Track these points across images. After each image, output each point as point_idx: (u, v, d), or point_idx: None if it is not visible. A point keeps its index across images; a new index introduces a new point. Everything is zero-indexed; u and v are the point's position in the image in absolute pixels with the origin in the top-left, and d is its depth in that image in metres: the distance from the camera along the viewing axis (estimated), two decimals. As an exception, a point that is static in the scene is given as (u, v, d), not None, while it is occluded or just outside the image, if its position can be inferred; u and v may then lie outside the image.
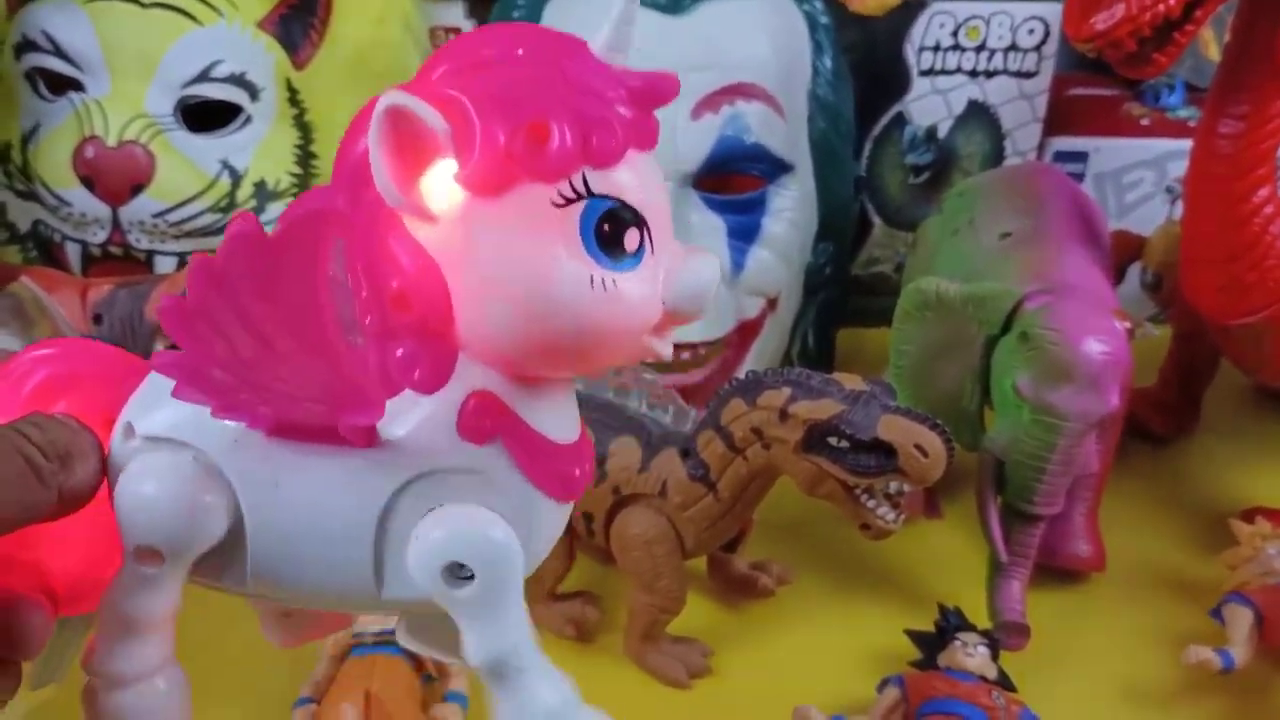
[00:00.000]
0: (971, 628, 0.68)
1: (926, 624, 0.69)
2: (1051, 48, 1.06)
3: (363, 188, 0.36)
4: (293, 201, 0.36)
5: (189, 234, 0.90)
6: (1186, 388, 0.96)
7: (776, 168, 0.90)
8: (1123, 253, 0.97)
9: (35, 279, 0.74)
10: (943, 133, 1.09)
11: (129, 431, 0.41)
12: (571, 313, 0.36)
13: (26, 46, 0.90)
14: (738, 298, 0.90)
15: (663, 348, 0.38)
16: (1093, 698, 0.71)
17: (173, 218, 0.89)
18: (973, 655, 0.66)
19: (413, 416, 0.39)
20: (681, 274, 0.37)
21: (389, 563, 0.40)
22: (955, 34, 1.05)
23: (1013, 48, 1.05)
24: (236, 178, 0.91)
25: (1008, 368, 0.72)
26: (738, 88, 0.87)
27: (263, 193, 0.92)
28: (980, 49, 1.06)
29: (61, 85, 0.90)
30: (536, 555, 0.41)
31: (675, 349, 0.81)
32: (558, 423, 0.40)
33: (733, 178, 0.89)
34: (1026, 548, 0.73)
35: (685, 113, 0.86)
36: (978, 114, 1.08)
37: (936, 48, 1.06)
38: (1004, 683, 0.66)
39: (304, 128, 0.95)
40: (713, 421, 0.67)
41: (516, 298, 0.36)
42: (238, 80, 0.90)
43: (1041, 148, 1.11)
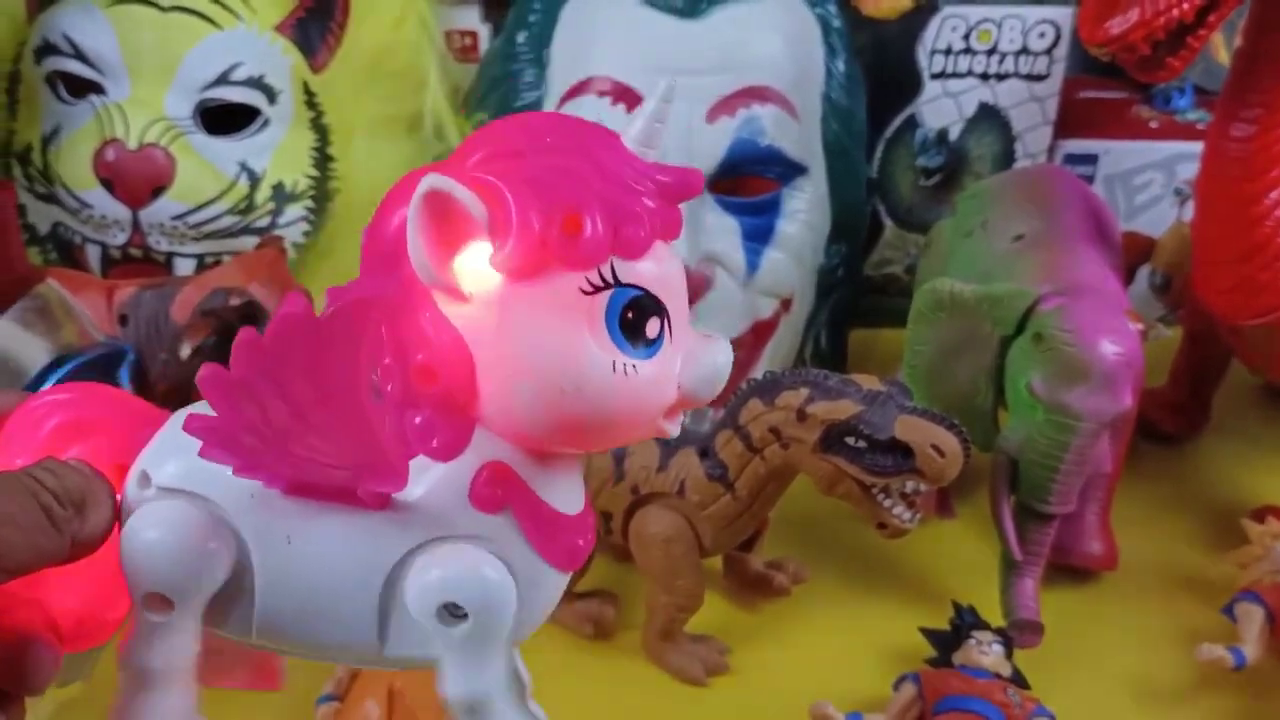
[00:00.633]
0: (986, 626, 0.69)
1: (941, 622, 0.70)
2: (1062, 51, 1.06)
3: (396, 263, 0.37)
4: (343, 287, 0.37)
5: (208, 236, 0.90)
6: (1197, 388, 0.96)
7: (790, 170, 0.91)
8: (1132, 254, 0.97)
9: (61, 281, 0.74)
10: (954, 135, 1.10)
11: (144, 480, 0.42)
12: (593, 396, 0.37)
13: (47, 50, 0.90)
14: (752, 298, 0.90)
15: (672, 429, 0.39)
16: (1106, 695, 0.72)
17: (192, 220, 0.89)
18: (987, 653, 0.67)
19: (426, 482, 0.40)
20: (698, 361, 0.38)
21: (393, 621, 0.41)
22: (967, 37, 1.06)
23: (1024, 51, 1.06)
24: (255, 180, 0.91)
25: (1022, 368, 0.73)
26: (752, 91, 0.88)
27: (280, 195, 0.93)
28: (991, 52, 1.06)
29: (82, 88, 0.90)
30: (533, 624, 0.42)
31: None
32: (565, 495, 0.41)
33: (747, 180, 0.90)
34: (1040, 546, 0.74)
35: (700, 115, 0.87)
36: (989, 117, 1.09)
37: (948, 51, 1.06)
38: (1018, 680, 0.66)
39: (321, 130, 0.95)
40: (731, 421, 0.68)
41: (542, 378, 0.37)
42: (256, 83, 0.91)
43: (1052, 150, 1.12)
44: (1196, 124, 1.12)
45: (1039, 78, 1.07)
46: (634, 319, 0.37)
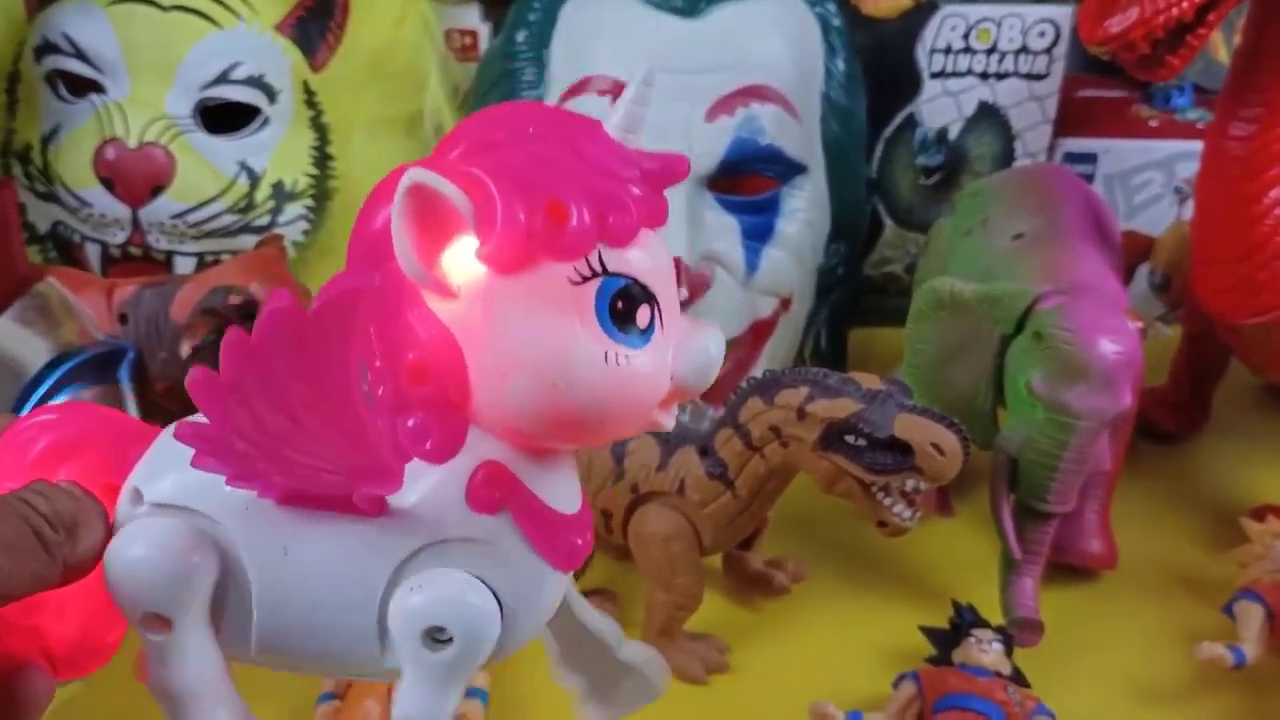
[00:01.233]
0: (986, 624, 0.69)
1: (941, 621, 0.70)
2: (1062, 50, 1.06)
3: (383, 261, 0.36)
4: (327, 283, 0.36)
5: (208, 234, 0.91)
6: (1196, 387, 0.96)
7: (790, 169, 0.91)
8: (1131, 254, 0.97)
9: (61, 279, 0.74)
10: (953, 134, 1.10)
11: (136, 497, 0.41)
12: (586, 387, 0.36)
13: (47, 49, 0.90)
14: (752, 297, 0.90)
15: (666, 420, 0.39)
16: (1106, 693, 0.72)
17: (192, 219, 0.90)
18: (987, 651, 0.67)
19: (422, 486, 0.39)
20: (689, 350, 0.38)
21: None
22: (966, 36, 1.06)
23: (1023, 50, 1.06)
24: (255, 179, 0.92)
25: (1022, 367, 0.73)
26: (752, 90, 0.88)
27: (280, 193, 0.93)
28: (991, 51, 1.06)
29: (82, 87, 0.90)
30: (539, 624, 0.42)
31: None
32: (563, 494, 0.41)
33: (747, 178, 0.90)
34: (1039, 545, 0.74)
35: (700, 114, 0.87)
36: (988, 116, 1.09)
37: (948, 50, 1.06)
38: (1018, 678, 0.66)
39: (320, 129, 0.95)
40: (731, 420, 0.68)
41: (534, 372, 0.36)
42: (256, 82, 0.91)
43: (1051, 149, 1.12)
44: (1196, 123, 1.12)
45: (1038, 77, 1.07)
46: (624, 308, 0.37)
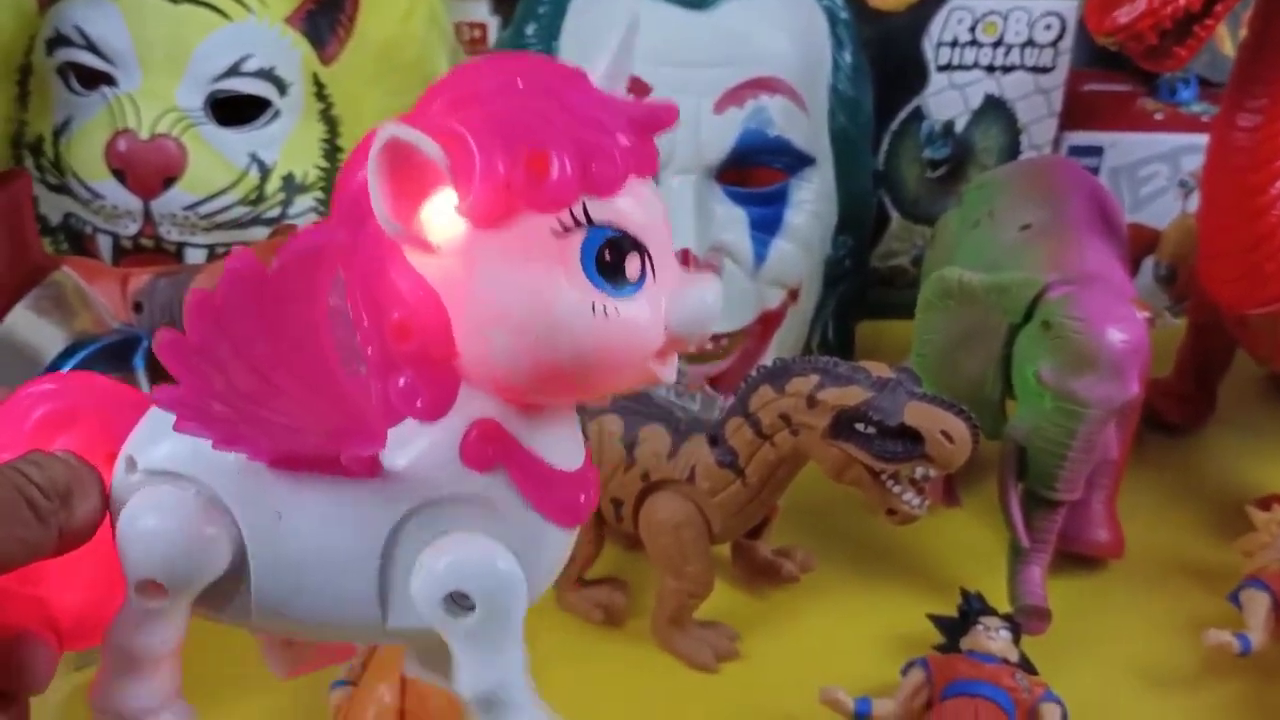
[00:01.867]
0: (993, 612, 0.69)
1: (949, 609, 0.70)
2: (1067, 43, 1.06)
3: (363, 219, 0.36)
4: (290, 238, 0.36)
5: (219, 226, 0.91)
6: (1202, 378, 0.97)
7: (798, 161, 0.91)
8: (1137, 246, 0.98)
9: (76, 268, 0.75)
10: (960, 127, 1.10)
11: (130, 465, 0.41)
12: (573, 339, 0.36)
13: (59, 41, 0.91)
14: (759, 288, 0.91)
15: (666, 372, 0.38)
16: (1112, 680, 0.72)
17: (203, 210, 0.90)
18: (995, 639, 0.67)
19: (415, 445, 0.39)
20: (684, 298, 0.38)
21: (394, 592, 0.40)
22: (973, 29, 1.06)
23: (1029, 43, 1.06)
24: (265, 171, 0.92)
25: (1030, 356, 0.73)
26: (760, 82, 0.88)
27: (291, 186, 0.93)
28: (997, 44, 1.07)
29: (93, 79, 0.90)
30: (541, 584, 0.41)
31: (698, 339, 0.79)
32: (561, 450, 0.40)
33: (755, 170, 0.90)
34: (1047, 533, 0.74)
35: (709, 106, 0.87)
36: (994, 109, 1.09)
37: (954, 43, 1.07)
38: (1026, 665, 0.67)
39: (330, 122, 0.96)
40: (741, 408, 0.68)
41: (518, 326, 0.36)
42: (266, 75, 0.91)
43: (1057, 142, 1.12)
44: (1201, 116, 1.12)
45: (1044, 70, 1.08)
46: (612, 258, 0.36)
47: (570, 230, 0.35)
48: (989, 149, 1.11)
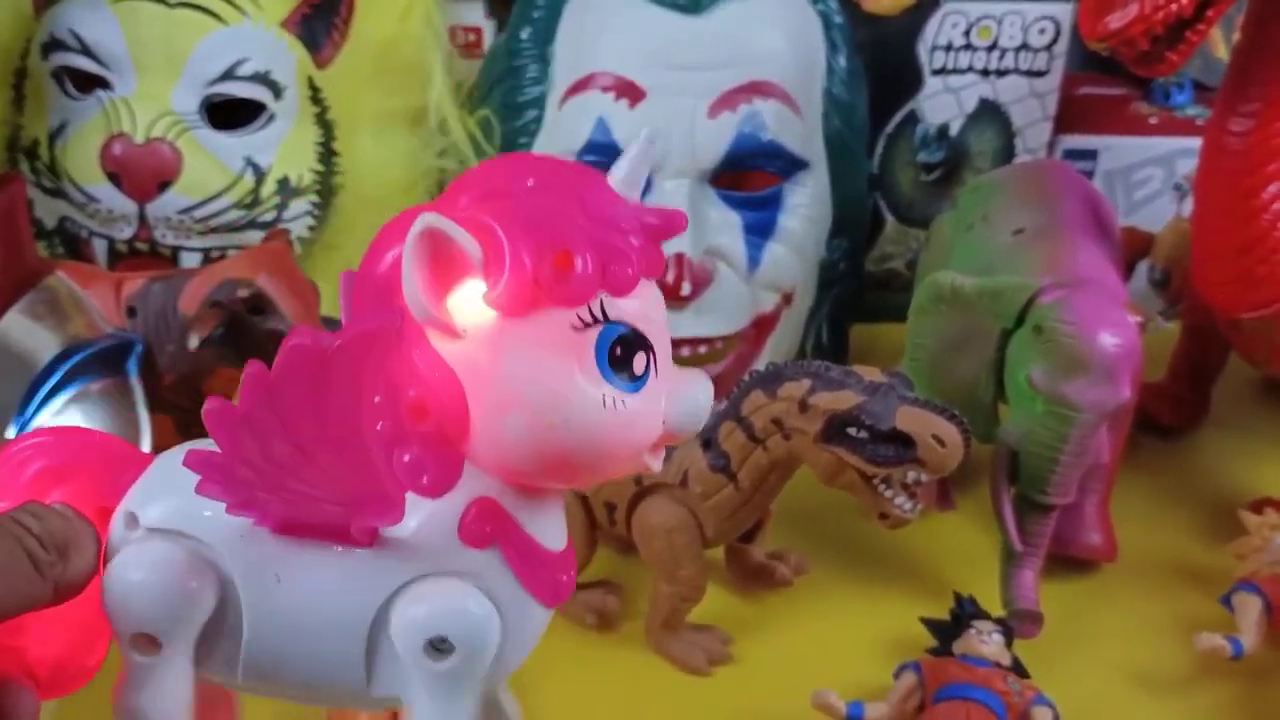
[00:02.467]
0: (986, 615, 0.69)
1: (942, 612, 0.70)
2: (1062, 47, 1.07)
3: (389, 299, 0.38)
4: (348, 322, 0.38)
5: (214, 230, 0.91)
6: (1196, 381, 0.97)
7: (792, 165, 0.92)
8: (1131, 249, 0.98)
9: (70, 273, 0.75)
10: (954, 131, 1.10)
11: (131, 521, 0.42)
12: (583, 429, 0.38)
13: (54, 45, 0.91)
14: (754, 292, 0.91)
15: (655, 464, 0.40)
16: (1105, 684, 0.72)
17: (199, 214, 0.90)
18: (987, 642, 0.67)
19: (415, 519, 0.40)
20: (682, 397, 0.40)
21: (380, 660, 0.42)
22: (967, 33, 1.06)
23: (1024, 47, 1.07)
24: (260, 175, 0.92)
25: (1022, 360, 0.74)
26: (755, 86, 0.89)
27: (286, 189, 0.93)
28: (992, 48, 1.07)
29: (89, 83, 0.90)
30: (518, 658, 0.43)
31: (693, 343, 0.83)
32: (551, 531, 0.42)
33: (749, 174, 0.91)
34: (1039, 537, 0.74)
35: (703, 110, 0.87)
36: (989, 112, 1.10)
37: (949, 47, 1.07)
38: (1018, 669, 0.67)
39: (326, 125, 0.96)
40: (734, 413, 0.69)
41: (534, 412, 0.38)
42: (262, 79, 0.91)
43: (1052, 146, 1.12)
44: (1195, 120, 1.12)
45: (1039, 74, 1.08)
46: (622, 354, 0.38)
47: (588, 325, 0.38)
48: (984, 153, 1.11)
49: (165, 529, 0.42)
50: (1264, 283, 0.76)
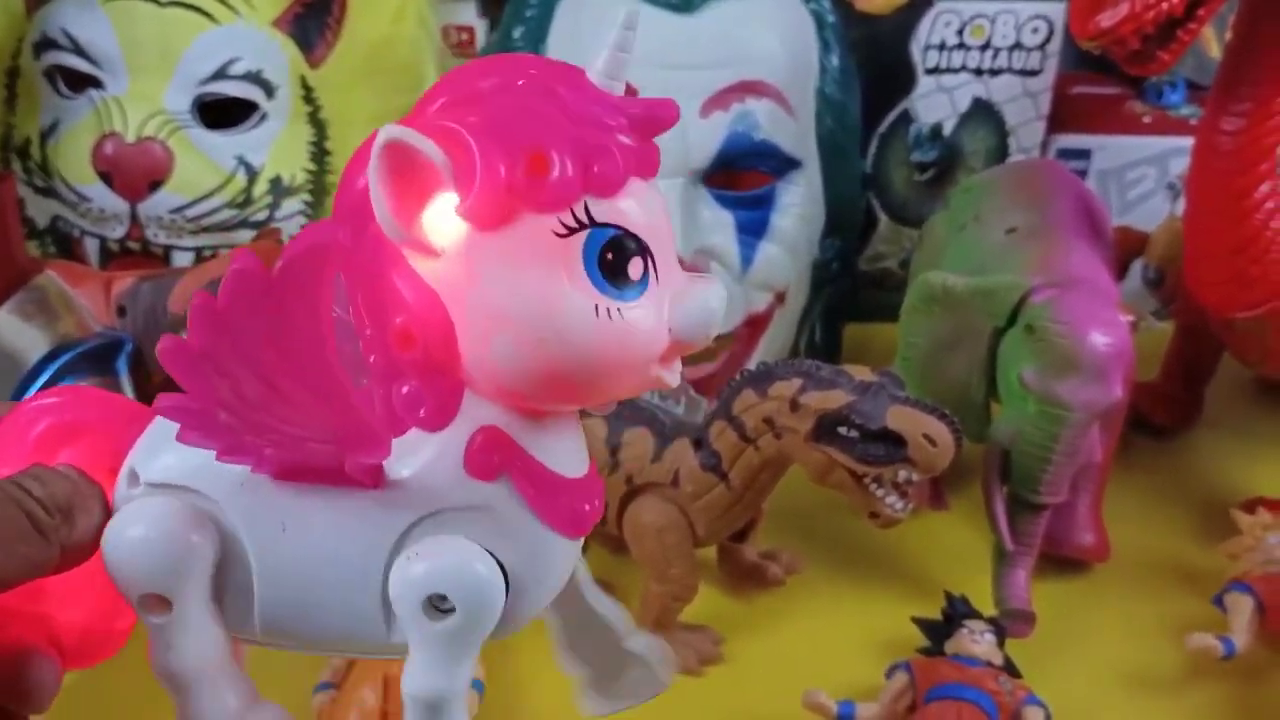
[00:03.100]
0: (978, 615, 0.69)
1: (933, 612, 0.70)
2: (1055, 46, 1.07)
3: (365, 223, 0.35)
4: (293, 238, 0.35)
5: (206, 229, 0.91)
6: (1189, 381, 0.97)
7: (785, 164, 0.91)
8: (1125, 249, 0.98)
9: (59, 272, 0.75)
10: (948, 130, 1.10)
11: (133, 479, 0.41)
12: (577, 343, 0.35)
13: (46, 44, 0.91)
14: (746, 292, 0.91)
15: (670, 377, 0.37)
16: (1097, 683, 0.72)
17: (190, 213, 0.90)
18: (979, 642, 0.67)
19: (420, 455, 0.38)
20: (687, 301, 0.37)
21: None
22: (960, 32, 1.06)
23: (1017, 46, 1.06)
24: (253, 174, 0.92)
25: (1014, 359, 0.74)
26: (747, 85, 0.89)
27: (278, 189, 0.93)
28: (985, 47, 1.07)
29: (80, 83, 0.91)
30: (547, 595, 0.41)
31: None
32: (567, 458, 0.39)
33: (742, 174, 0.90)
34: (1031, 537, 0.74)
35: (695, 110, 0.87)
36: (982, 112, 1.09)
37: (942, 46, 1.07)
38: (1010, 669, 0.67)
39: (318, 125, 0.96)
40: (725, 412, 0.69)
41: (521, 329, 0.35)
42: (254, 78, 0.91)
43: (1045, 145, 1.12)
44: (1189, 119, 1.12)
45: (1032, 73, 1.08)
46: (614, 259, 0.35)
47: (572, 231, 0.35)
48: (977, 152, 1.11)
49: (165, 484, 0.40)
50: (1257, 282, 0.76)
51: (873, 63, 1.03)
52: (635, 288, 0.36)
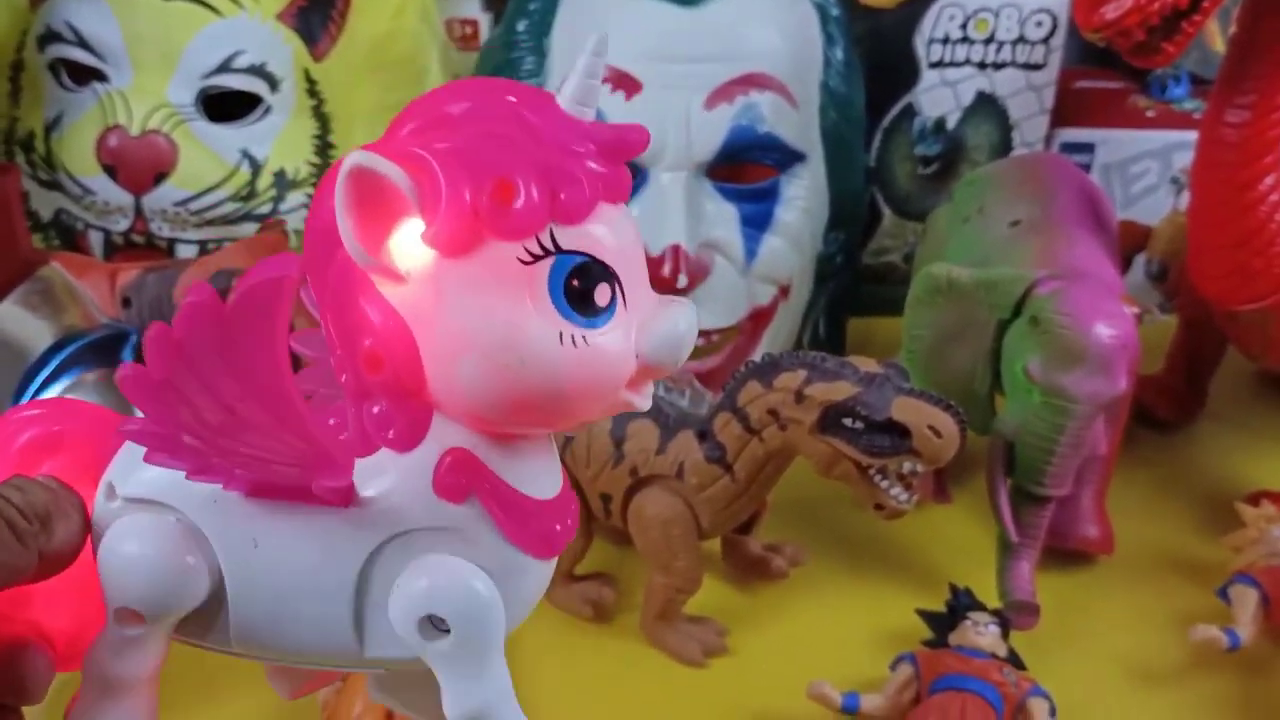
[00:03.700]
0: (982, 607, 0.69)
1: (938, 604, 0.70)
2: (1059, 40, 1.07)
3: (334, 247, 0.35)
4: (247, 270, 0.35)
5: (210, 222, 0.91)
6: (1192, 374, 0.97)
7: (789, 157, 0.91)
8: (1128, 243, 0.98)
9: (64, 264, 0.75)
10: (951, 124, 1.10)
11: (110, 492, 0.41)
12: (542, 369, 0.35)
13: (50, 37, 0.91)
14: (750, 285, 0.91)
15: (640, 401, 0.37)
16: (1101, 675, 0.72)
17: (194, 206, 0.90)
18: (983, 634, 0.67)
19: (389, 476, 0.38)
20: (655, 326, 0.36)
21: (370, 621, 0.40)
22: (964, 26, 1.06)
23: (1021, 40, 1.07)
24: (256, 167, 0.92)
25: (1018, 351, 0.74)
26: (751, 78, 0.89)
27: (282, 182, 0.93)
28: (989, 41, 1.07)
29: (84, 75, 0.91)
30: (518, 615, 0.41)
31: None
32: (537, 479, 0.39)
33: (746, 167, 0.90)
34: (1036, 529, 0.74)
35: (699, 103, 0.87)
36: (986, 105, 1.10)
37: (945, 40, 1.07)
38: (1014, 660, 0.67)
39: (322, 118, 0.96)
40: (729, 404, 0.69)
41: (486, 355, 0.35)
42: (258, 71, 0.91)
43: (1049, 139, 1.12)
44: (1193, 113, 1.12)
45: (1036, 67, 1.08)
46: (580, 286, 0.35)
47: (537, 258, 0.35)
48: (980, 146, 1.11)
49: (140, 499, 0.40)
50: (1260, 275, 0.76)
51: (876, 56, 1.04)
52: (603, 314, 0.36)
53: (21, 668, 0.40)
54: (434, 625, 0.38)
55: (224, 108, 0.92)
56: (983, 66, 1.08)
